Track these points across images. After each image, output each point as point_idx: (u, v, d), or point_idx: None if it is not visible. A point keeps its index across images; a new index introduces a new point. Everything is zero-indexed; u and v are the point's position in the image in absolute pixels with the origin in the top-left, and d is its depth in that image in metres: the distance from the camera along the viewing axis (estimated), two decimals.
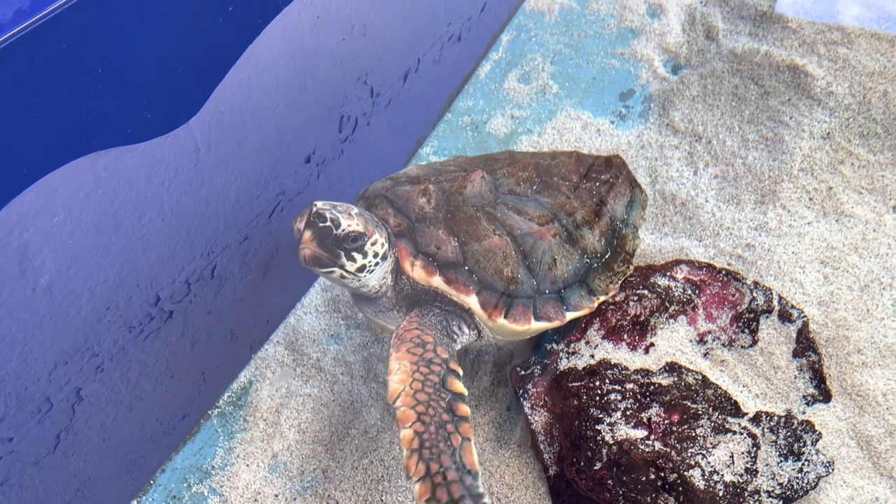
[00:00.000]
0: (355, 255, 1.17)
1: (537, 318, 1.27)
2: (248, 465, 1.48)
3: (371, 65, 1.70)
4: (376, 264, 1.20)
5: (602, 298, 1.37)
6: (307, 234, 1.14)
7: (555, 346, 1.48)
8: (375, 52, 1.70)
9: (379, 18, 1.67)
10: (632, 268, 1.44)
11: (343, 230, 1.15)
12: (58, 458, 1.26)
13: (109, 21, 1.05)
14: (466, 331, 1.29)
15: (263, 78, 1.39)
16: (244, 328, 1.59)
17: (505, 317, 1.24)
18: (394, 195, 1.31)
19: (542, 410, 1.43)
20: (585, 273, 1.36)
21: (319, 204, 1.17)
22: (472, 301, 1.23)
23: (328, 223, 1.15)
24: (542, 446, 1.40)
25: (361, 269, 1.19)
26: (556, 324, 1.30)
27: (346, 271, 1.18)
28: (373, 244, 1.19)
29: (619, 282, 1.40)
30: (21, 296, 1.07)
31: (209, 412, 1.56)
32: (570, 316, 1.31)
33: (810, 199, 1.74)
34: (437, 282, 1.22)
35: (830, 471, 1.33)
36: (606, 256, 1.41)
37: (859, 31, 1.97)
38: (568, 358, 1.45)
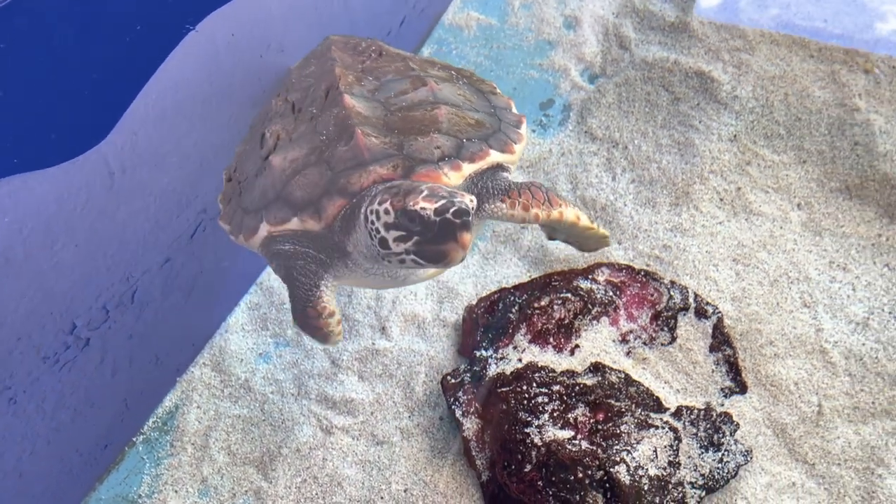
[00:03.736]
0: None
1: (524, 130, 1.39)
2: (176, 492, 1.45)
3: None
4: None
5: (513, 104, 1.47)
6: (467, 237, 1.03)
7: (484, 352, 1.50)
8: None
9: (296, 35, 1.67)
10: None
11: (473, 207, 1.07)
12: None
13: (9, 44, 1.03)
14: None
15: (179, 97, 1.38)
16: (169, 352, 1.56)
17: (516, 143, 1.32)
18: (345, 162, 1.18)
19: (473, 417, 1.45)
20: (487, 94, 1.44)
21: (436, 203, 1.03)
22: (495, 156, 1.26)
23: (469, 213, 1.04)
24: (474, 453, 1.42)
25: None
26: (525, 126, 1.41)
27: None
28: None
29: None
30: None
31: (133, 439, 1.52)
32: (523, 120, 1.42)
33: (721, 199, 1.82)
34: (469, 168, 1.21)
35: (749, 459, 1.39)
36: (475, 80, 1.49)
37: (759, 38, 2.07)
38: (497, 363, 1.47)
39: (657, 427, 1.36)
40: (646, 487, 1.29)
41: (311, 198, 1.16)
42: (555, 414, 1.36)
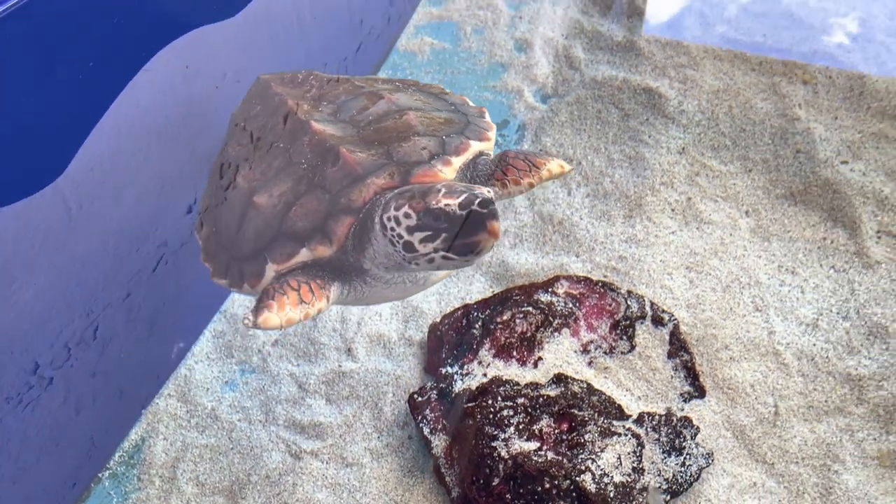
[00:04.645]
0: None
1: (489, 118, 1.38)
2: None
3: None
4: None
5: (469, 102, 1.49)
6: (496, 225, 1.03)
7: (449, 369, 1.52)
8: None
9: (252, 64, 1.69)
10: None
11: (493, 196, 1.06)
12: None
13: None
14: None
15: (134, 130, 1.39)
16: (133, 386, 1.55)
17: (489, 131, 1.32)
18: (340, 181, 1.17)
19: (441, 434, 1.46)
20: (440, 95, 1.46)
21: (458, 198, 1.03)
22: (476, 145, 1.26)
23: (493, 201, 1.04)
24: (444, 470, 1.44)
25: None
26: (489, 115, 1.41)
27: None
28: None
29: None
30: None
31: (99, 475, 1.51)
32: (485, 111, 1.42)
33: (672, 209, 1.88)
34: (457, 161, 1.21)
35: (711, 462, 1.43)
36: (423, 86, 1.52)
37: (703, 55, 2.16)
38: (462, 379, 1.50)
39: (620, 434, 1.39)
40: (612, 494, 1.32)
41: (316, 224, 1.13)
42: (520, 426, 1.39)
